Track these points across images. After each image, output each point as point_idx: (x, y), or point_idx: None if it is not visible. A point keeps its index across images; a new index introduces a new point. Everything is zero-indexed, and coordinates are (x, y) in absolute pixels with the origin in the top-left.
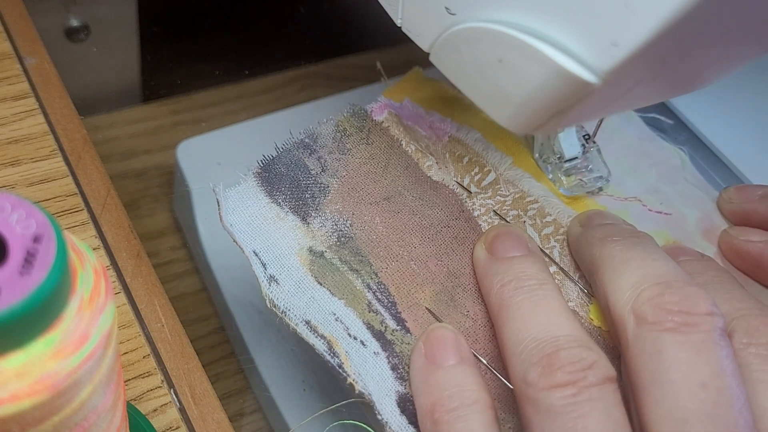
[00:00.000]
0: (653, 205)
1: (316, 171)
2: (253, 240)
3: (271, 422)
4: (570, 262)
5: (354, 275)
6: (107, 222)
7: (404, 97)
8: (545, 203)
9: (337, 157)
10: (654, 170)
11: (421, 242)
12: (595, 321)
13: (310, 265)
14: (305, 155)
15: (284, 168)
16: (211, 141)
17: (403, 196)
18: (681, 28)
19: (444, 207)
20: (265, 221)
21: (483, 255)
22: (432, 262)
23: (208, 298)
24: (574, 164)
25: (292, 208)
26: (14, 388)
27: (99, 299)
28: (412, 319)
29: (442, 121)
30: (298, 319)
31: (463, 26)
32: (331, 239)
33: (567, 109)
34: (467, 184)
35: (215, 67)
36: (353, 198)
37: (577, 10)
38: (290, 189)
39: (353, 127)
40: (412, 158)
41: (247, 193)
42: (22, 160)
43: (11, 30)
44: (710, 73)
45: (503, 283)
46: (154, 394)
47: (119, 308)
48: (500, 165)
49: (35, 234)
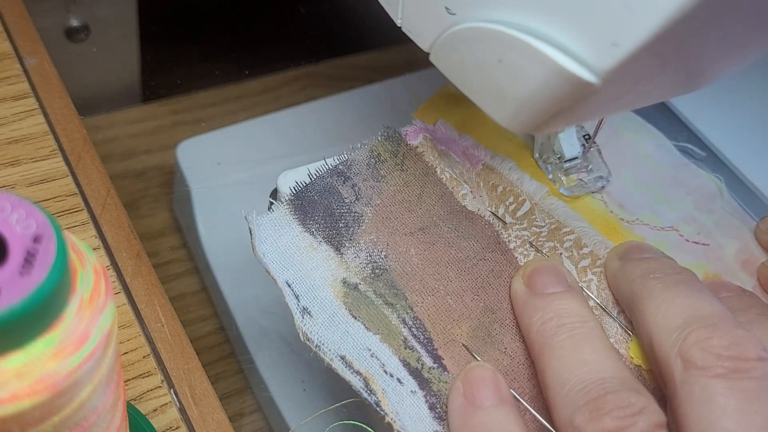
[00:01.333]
0: (690, 235)
1: (350, 199)
2: (286, 270)
3: (271, 422)
4: (608, 296)
5: (389, 309)
6: (107, 222)
7: (436, 117)
8: (582, 234)
9: (372, 184)
10: (690, 198)
11: (457, 275)
12: (635, 359)
13: (344, 298)
14: (339, 182)
15: (318, 196)
16: (211, 141)
17: (438, 227)
18: (681, 27)
19: (479, 239)
20: (298, 251)
21: (522, 290)
22: (468, 296)
23: (208, 298)
24: (574, 164)
25: (325, 237)
26: (14, 388)
27: (99, 299)
28: (449, 357)
29: (476, 147)
30: (332, 354)
31: (463, 26)
32: (366, 271)
33: (567, 109)
34: (502, 214)
35: (215, 67)
36: (388, 228)
37: (577, 10)
38: (324, 218)
39: (387, 152)
40: (446, 186)
41: (279, 222)
42: (22, 160)
43: (11, 30)
44: (710, 72)
45: (544, 321)
46: (154, 394)
47: (119, 308)
48: (535, 194)
49: (35, 234)
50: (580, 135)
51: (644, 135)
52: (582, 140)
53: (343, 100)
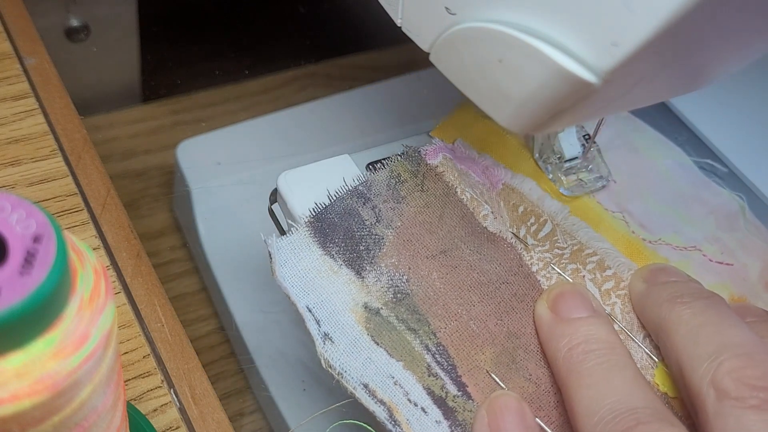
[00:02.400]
0: (714, 255)
1: (370, 221)
2: (307, 295)
3: (271, 422)
4: (633, 320)
5: (412, 335)
6: (107, 222)
7: (453, 135)
8: (605, 255)
9: (392, 206)
10: (712, 217)
11: (480, 300)
12: (661, 387)
13: (366, 323)
14: (359, 204)
15: (338, 218)
16: (211, 141)
17: (460, 249)
18: (681, 27)
19: (502, 261)
20: (319, 275)
21: (546, 315)
22: (491, 321)
23: (208, 298)
24: (574, 164)
25: (346, 261)
26: (14, 388)
27: (99, 299)
28: (473, 384)
29: (496, 166)
30: (355, 383)
31: (463, 26)
32: (387, 295)
33: (567, 109)
34: (523, 236)
35: (215, 67)
36: (409, 251)
37: (578, 9)
38: (344, 240)
39: (407, 172)
40: (467, 207)
41: (299, 245)
42: (22, 160)
43: (11, 30)
44: (711, 72)
45: (571, 347)
46: (154, 394)
47: (119, 308)
48: (557, 215)
49: (35, 234)
50: (580, 135)
51: (664, 152)
52: (582, 140)
53: (343, 100)
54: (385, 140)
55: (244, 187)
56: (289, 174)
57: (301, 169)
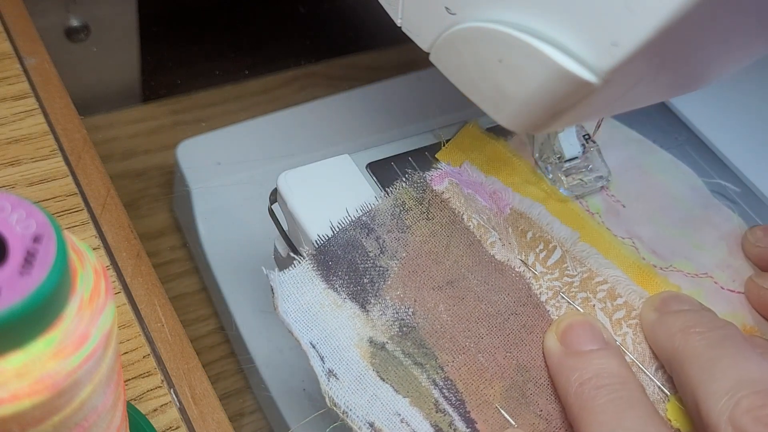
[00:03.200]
0: (726, 283)
1: (374, 253)
2: (310, 330)
3: (271, 422)
4: (644, 351)
5: (419, 370)
6: (107, 222)
7: (461, 157)
8: (615, 283)
9: (397, 236)
10: (724, 243)
11: (488, 332)
12: (673, 422)
13: (372, 358)
14: (362, 235)
15: (341, 250)
16: (211, 141)
17: (467, 280)
18: (681, 27)
19: (510, 291)
20: (322, 309)
21: (556, 348)
22: (500, 354)
23: (208, 298)
24: (574, 164)
25: (350, 294)
26: (14, 388)
27: (99, 299)
28: (482, 420)
29: (504, 190)
30: (361, 421)
31: (463, 26)
32: (393, 329)
33: (567, 109)
34: (532, 263)
35: (215, 67)
36: (415, 282)
37: (578, 9)
38: (348, 273)
39: (413, 199)
40: (474, 235)
41: (302, 278)
42: (22, 160)
43: (11, 30)
44: (711, 72)
45: (582, 381)
46: (154, 394)
47: (119, 308)
48: (566, 241)
49: (35, 234)
50: (580, 135)
51: (675, 174)
52: (582, 140)
53: (343, 100)
54: (385, 140)
55: (244, 187)
56: (289, 174)
57: (301, 169)
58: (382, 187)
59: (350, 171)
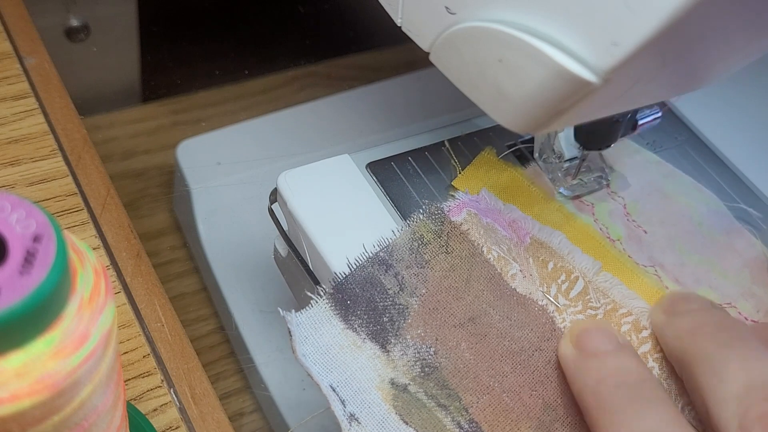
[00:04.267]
0: (750, 313)
1: (393, 290)
2: (330, 373)
3: (271, 422)
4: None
5: (442, 412)
6: (107, 222)
7: (478, 184)
8: (640, 315)
9: (416, 272)
10: (747, 270)
11: (513, 370)
12: None
13: (394, 401)
14: (381, 272)
15: (359, 288)
16: (211, 141)
17: (489, 315)
18: (681, 27)
19: (533, 327)
20: (341, 350)
21: (571, 353)
22: (525, 393)
23: (208, 298)
24: (574, 164)
25: (369, 334)
26: (14, 388)
27: (99, 299)
28: None
29: (523, 218)
30: None
31: (463, 26)
32: (415, 369)
33: (567, 109)
34: (554, 295)
35: (215, 67)
36: (436, 320)
37: (578, 9)
38: (366, 312)
39: (431, 232)
40: (494, 267)
41: (319, 318)
42: (22, 160)
43: (11, 30)
44: (711, 72)
45: (599, 380)
46: (154, 393)
47: (119, 308)
48: (588, 271)
49: (35, 234)
50: None
51: (697, 197)
52: None
53: (343, 100)
54: (385, 140)
55: (244, 187)
56: (289, 174)
57: (301, 169)
58: (382, 187)
59: (350, 171)
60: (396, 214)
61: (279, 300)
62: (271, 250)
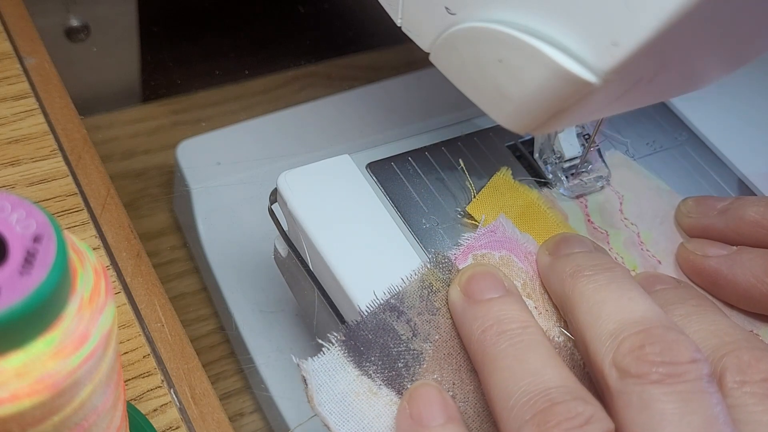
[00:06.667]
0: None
1: (406, 336)
2: (346, 422)
3: (271, 422)
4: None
5: None
6: (107, 222)
7: (494, 210)
8: None
9: (428, 318)
10: None
11: None
12: None
13: None
14: (393, 318)
15: (372, 334)
16: (211, 141)
17: None
18: (681, 27)
19: None
20: (357, 398)
21: (459, 299)
22: None
23: (208, 298)
24: (574, 164)
25: (385, 380)
26: (14, 388)
27: (99, 299)
28: None
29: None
30: None
31: (463, 26)
32: None
33: (567, 109)
34: None
35: (215, 67)
36: (451, 365)
37: (577, 9)
38: (381, 358)
39: (439, 281)
40: None
41: (333, 366)
42: (22, 160)
43: (11, 30)
44: (711, 72)
45: (483, 329)
46: (154, 394)
47: (119, 308)
48: None
49: (35, 234)
50: (580, 135)
51: None
52: (582, 140)
53: (343, 100)
54: (385, 140)
55: (244, 187)
56: (289, 174)
57: (301, 169)
58: (382, 188)
59: (350, 171)
60: (396, 214)
61: (279, 300)
62: (271, 250)
